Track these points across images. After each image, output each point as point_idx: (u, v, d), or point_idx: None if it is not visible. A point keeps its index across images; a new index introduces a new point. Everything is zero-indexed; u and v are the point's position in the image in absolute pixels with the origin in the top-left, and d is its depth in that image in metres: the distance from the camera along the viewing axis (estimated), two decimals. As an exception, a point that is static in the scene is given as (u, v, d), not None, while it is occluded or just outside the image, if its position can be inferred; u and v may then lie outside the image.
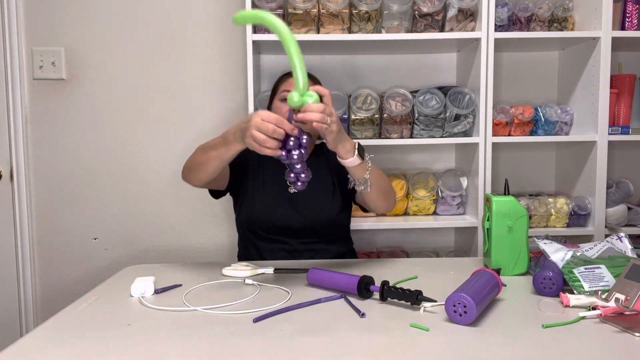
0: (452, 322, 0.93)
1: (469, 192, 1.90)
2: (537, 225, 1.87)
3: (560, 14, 1.84)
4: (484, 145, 1.78)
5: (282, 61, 1.97)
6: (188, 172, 1.32)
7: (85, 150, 2.01)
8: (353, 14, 1.76)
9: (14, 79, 1.93)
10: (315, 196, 1.34)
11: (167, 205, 2.04)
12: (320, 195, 1.36)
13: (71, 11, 1.96)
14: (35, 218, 2.02)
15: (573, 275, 1.06)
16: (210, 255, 2.04)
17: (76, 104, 1.99)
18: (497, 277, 1.03)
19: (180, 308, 1.04)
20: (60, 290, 2.04)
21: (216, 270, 1.28)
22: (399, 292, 1.02)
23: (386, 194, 1.39)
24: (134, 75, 1.99)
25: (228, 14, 1.98)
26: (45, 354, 0.85)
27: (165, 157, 2.03)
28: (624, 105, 1.90)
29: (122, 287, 1.17)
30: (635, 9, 1.83)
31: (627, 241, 1.15)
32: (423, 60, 2.03)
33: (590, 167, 1.83)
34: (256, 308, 1.02)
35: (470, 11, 1.78)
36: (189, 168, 1.31)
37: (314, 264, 1.32)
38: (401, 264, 1.42)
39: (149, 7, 1.97)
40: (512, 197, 1.24)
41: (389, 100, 1.81)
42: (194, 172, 1.28)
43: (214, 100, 2.01)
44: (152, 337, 0.90)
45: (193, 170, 1.28)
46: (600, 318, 0.94)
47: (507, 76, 2.05)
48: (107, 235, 2.04)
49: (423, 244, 2.07)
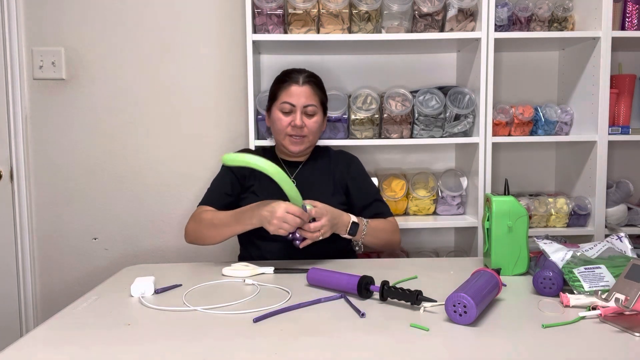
0: (452, 322, 0.93)
1: (469, 192, 1.90)
2: (537, 225, 1.87)
3: (560, 14, 1.84)
4: (484, 145, 1.78)
5: (282, 61, 1.97)
6: (195, 239, 1.47)
7: (85, 150, 2.01)
8: (353, 14, 1.76)
9: (14, 79, 1.93)
10: (314, 196, 1.35)
11: (167, 205, 2.04)
12: (318, 196, 1.36)
13: (71, 11, 1.96)
14: (35, 218, 2.02)
15: (573, 275, 1.06)
16: (210, 255, 2.04)
17: (76, 104, 1.99)
18: (497, 277, 1.03)
19: (180, 308, 1.04)
20: (60, 290, 2.04)
21: (216, 270, 1.29)
22: (399, 292, 1.02)
23: (386, 245, 1.51)
24: (134, 75, 1.99)
25: (228, 14, 1.98)
26: (45, 354, 0.85)
27: (165, 157, 2.02)
28: (624, 105, 1.90)
29: (122, 287, 1.17)
30: (635, 9, 1.83)
31: (627, 241, 1.15)
32: (423, 60, 2.03)
33: (590, 167, 1.83)
34: (256, 308, 1.02)
35: (470, 11, 1.78)
36: (198, 237, 1.45)
37: (314, 264, 1.32)
38: (401, 264, 1.42)
39: (149, 7, 1.97)
40: (512, 197, 1.24)
41: (389, 100, 1.81)
42: (204, 240, 1.44)
43: (213, 100, 2.01)
44: (152, 337, 0.91)
45: (204, 240, 1.44)
46: (600, 318, 0.94)
47: (507, 76, 2.05)
48: (107, 235, 2.04)
49: (423, 244, 2.07)
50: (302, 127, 1.48)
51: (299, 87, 1.49)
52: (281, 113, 1.49)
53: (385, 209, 1.55)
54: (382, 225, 1.48)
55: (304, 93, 1.49)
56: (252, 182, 1.50)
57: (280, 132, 1.50)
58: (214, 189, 1.53)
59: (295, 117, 1.47)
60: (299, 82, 1.49)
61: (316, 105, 1.51)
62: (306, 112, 1.49)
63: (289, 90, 1.49)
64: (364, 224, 1.41)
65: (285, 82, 1.51)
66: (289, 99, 1.48)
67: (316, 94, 1.52)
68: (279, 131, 1.51)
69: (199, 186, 1.98)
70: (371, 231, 1.42)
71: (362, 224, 1.40)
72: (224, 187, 1.52)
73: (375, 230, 1.44)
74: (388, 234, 1.48)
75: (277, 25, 1.76)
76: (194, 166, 2.02)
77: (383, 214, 1.53)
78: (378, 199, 1.55)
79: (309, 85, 1.50)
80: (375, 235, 1.44)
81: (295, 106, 1.48)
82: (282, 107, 1.49)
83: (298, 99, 1.48)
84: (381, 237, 1.46)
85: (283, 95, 1.49)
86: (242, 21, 1.95)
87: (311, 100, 1.49)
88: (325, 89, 1.58)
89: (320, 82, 1.57)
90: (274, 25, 1.76)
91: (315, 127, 1.51)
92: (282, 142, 1.52)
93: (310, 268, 1.19)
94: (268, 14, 1.74)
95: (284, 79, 1.52)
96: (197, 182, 2.01)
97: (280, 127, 1.49)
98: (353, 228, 1.38)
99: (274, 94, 1.53)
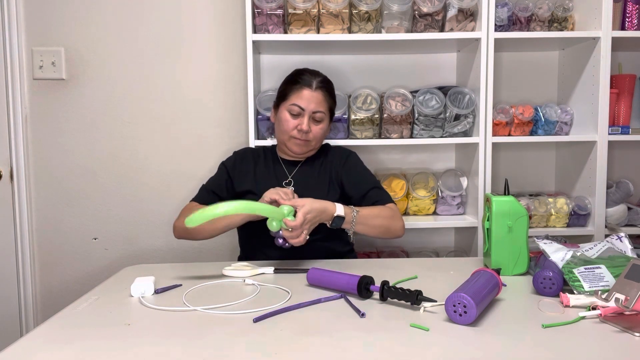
0: (452, 322, 0.93)
1: (469, 192, 1.90)
2: (537, 225, 1.87)
3: (560, 14, 1.84)
4: (484, 145, 1.78)
5: (282, 61, 1.97)
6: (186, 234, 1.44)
7: (85, 150, 2.01)
8: (353, 14, 1.76)
9: (14, 79, 1.93)
10: (309, 195, 1.34)
11: (167, 205, 2.04)
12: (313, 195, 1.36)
13: (71, 11, 1.96)
14: (35, 218, 2.02)
15: (573, 275, 1.06)
16: (210, 255, 2.04)
17: (76, 104, 1.99)
18: (497, 277, 1.03)
19: (180, 308, 1.04)
20: (60, 290, 2.04)
21: (216, 270, 1.29)
22: (399, 292, 1.02)
23: (385, 232, 1.43)
24: (133, 75, 1.99)
25: (228, 14, 1.98)
26: (45, 354, 0.85)
27: (165, 157, 2.02)
28: (624, 105, 1.90)
29: (122, 287, 1.17)
30: (635, 9, 1.83)
31: (627, 241, 1.15)
32: (423, 60, 2.03)
33: (590, 167, 1.83)
34: (256, 308, 1.02)
35: (470, 11, 1.78)
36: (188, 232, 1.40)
37: (314, 264, 1.32)
38: (401, 264, 1.42)
39: (149, 7, 1.97)
40: (512, 197, 1.24)
41: (389, 100, 1.81)
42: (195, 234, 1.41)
43: (214, 100, 2.01)
44: (152, 337, 0.91)
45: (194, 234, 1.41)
46: (600, 318, 0.94)
47: (507, 76, 2.05)
48: (107, 235, 2.04)
49: (423, 244, 2.07)
50: (308, 132, 1.47)
51: (311, 92, 1.48)
52: (289, 114, 1.49)
53: (384, 196, 1.49)
54: (377, 212, 1.41)
55: (314, 99, 1.48)
56: (249, 186, 1.50)
57: (285, 132, 1.50)
58: (207, 188, 1.54)
59: (303, 122, 1.47)
60: (312, 87, 1.48)
61: (325, 112, 1.51)
62: (314, 118, 1.49)
63: (300, 93, 1.48)
64: (353, 214, 1.35)
65: (297, 84, 1.50)
66: (299, 101, 1.47)
67: (326, 101, 1.51)
68: (284, 131, 1.50)
69: (199, 186, 1.97)
70: (362, 219, 1.36)
71: (350, 215, 1.34)
72: (217, 187, 1.53)
73: (368, 218, 1.37)
74: (384, 220, 1.41)
75: (277, 25, 1.76)
76: (194, 166, 2.02)
77: (381, 201, 1.47)
78: (376, 186, 1.51)
79: (321, 92, 1.50)
80: (368, 223, 1.37)
81: (305, 110, 1.47)
82: (290, 108, 1.48)
83: (308, 104, 1.47)
84: (376, 225, 1.39)
85: (294, 97, 1.48)
86: (242, 21, 1.95)
87: (321, 106, 1.49)
88: (335, 95, 1.58)
89: (332, 88, 1.56)
90: (274, 25, 1.76)
91: (320, 134, 1.51)
92: (286, 142, 1.52)
93: (310, 268, 1.19)
94: (268, 14, 1.74)
95: (297, 80, 1.51)
96: (197, 182, 2.00)
97: (287, 128, 1.49)
98: (337, 221, 1.32)
99: (284, 93, 1.52)
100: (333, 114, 1.59)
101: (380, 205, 1.45)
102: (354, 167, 1.56)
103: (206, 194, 1.53)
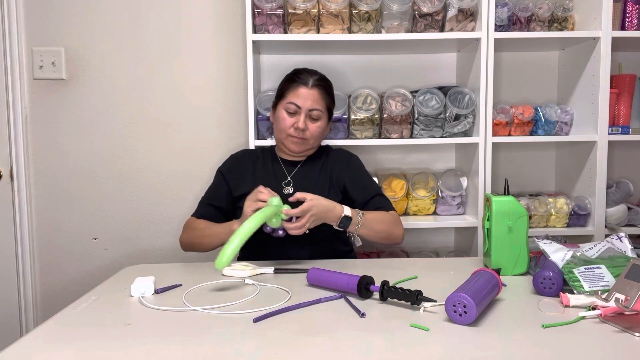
0: (452, 322, 0.93)
1: (469, 192, 1.90)
2: (537, 225, 1.87)
3: (560, 14, 1.84)
4: (484, 145, 1.78)
5: (282, 61, 1.97)
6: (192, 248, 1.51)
7: (85, 150, 2.01)
8: (353, 14, 1.76)
9: (14, 79, 1.93)
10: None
11: (167, 205, 2.04)
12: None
13: (71, 11, 1.96)
14: (35, 218, 2.02)
15: (573, 275, 1.06)
16: (210, 256, 2.03)
17: (76, 104, 1.99)
18: (497, 277, 1.03)
19: (180, 308, 1.04)
20: (60, 290, 2.03)
21: (216, 270, 1.28)
22: (399, 292, 1.02)
23: (386, 238, 1.46)
24: (134, 75, 1.99)
25: (228, 14, 1.98)
26: (45, 354, 0.85)
27: (165, 157, 2.02)
28: (624, 105, 1.90)
29: (122, 287, 1.17)
30: (635, 9, 1.83)
31: (627, 241, 1.15)
32: (423, 60, 2.03)
33: (590, 167, 1.83)
34: (256, 308, 1.02)
35: (470, 11, 1.78)
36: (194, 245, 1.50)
37: (314, 264, 1.32)
38: (401, 264, 1.42)
39: (149, 7, 1.97)
40: (512, 197, 1.24)
41: (389, 100, 1.81)
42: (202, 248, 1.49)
43: (214, 100, 2.01)
44: (152, 337, 0.91)
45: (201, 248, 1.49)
46: (600, 318, 0.94)
47: (507, 76, 2.05)
48: (107, 235, 2.04)
49: (423, 244, 2.07)
50: (304, 130, 1.48)
51: (307, 90, 1.49)
52: (286, 113, 1.49)
53: (387, 203, 1.53)
54: (380, 217, 1.44)
55: (311, 96, 1.48)
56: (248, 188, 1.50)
57: (282, 131, 1.50)
58: (205, 202, 1.55)
59: (299, 120, 1.47)
60: (308, 85, 1.49)
61: (321, 110, 1.51)
62: (311, 116, 1.49)
63: (296, 91, 1.49)
64: (359, 216, 1.38)
65: (294, 82, 1.51)
66: (295, 99, 1.48)
67: (323, 99, 1.51)
68: (281, 130, 1.51)
69: (199, 186, 1.98)
70: (367, 223, 1.39)
71: (356, 217, 1.38)
72: (215, 198, 1.54)
73: (372, 222, 1.41)
74: (387, 225, 1.44)
75: (277, 25, 1.76)
76: (194, 166, 2.02)
77: (384, 208, 1.50)
78: (379, 193, 1.54)
79: (317, 89, 1.50)
80: (372, 227, 1.41)
81: (301, 108, 1.48)
82: (287, 107, 1.49)
83: (304, 102, 1.48)
84: (379, 230, 1.43)
85: (290, 96, 1.49)
86: (242, 21, 1.94)
87: (317, 104, 1.49)
88: (333, 94, 1.59)
89: (330, 87, 1.56)
90: (274, 25, 1.76)
91: (317, 132, 1.51)
92: (283, 141, 1.52)
93: (310, 268, 1.19)
94: (268, 14, 1.74)
95: (294, 79, 1.52)
96: (197, 182, 2.01)
97: (283, 126, 1.49)
98: (344, 221, 1.36)
99: (281, 92, 1.53)
100: (331, 113, 1.59)
101: (384, 211, 1.48)
102: (357, 172, 1.57)
103: (204, 208, 1.53)
